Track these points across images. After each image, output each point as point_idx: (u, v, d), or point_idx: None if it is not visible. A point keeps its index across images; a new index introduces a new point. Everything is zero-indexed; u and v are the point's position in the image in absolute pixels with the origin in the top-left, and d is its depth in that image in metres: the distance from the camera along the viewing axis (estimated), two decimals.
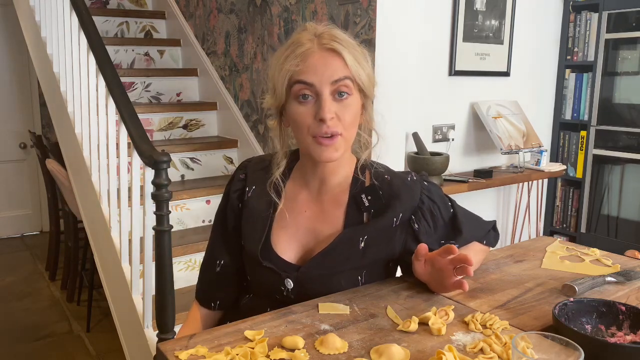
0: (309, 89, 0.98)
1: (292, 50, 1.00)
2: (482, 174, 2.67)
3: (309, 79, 0.98)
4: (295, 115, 1.01)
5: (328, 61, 0.99)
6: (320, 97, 0.98)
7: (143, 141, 2.01)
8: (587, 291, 1.09)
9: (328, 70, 0.98)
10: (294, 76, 0.99)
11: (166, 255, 1.86)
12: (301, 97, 0.99)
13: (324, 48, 0.99)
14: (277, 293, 1.08)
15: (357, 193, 1.09)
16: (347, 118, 1.00)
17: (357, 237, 1.07)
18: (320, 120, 0.98)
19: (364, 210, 1.08)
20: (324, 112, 0.97)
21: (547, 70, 3.15)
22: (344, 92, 0.99)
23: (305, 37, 1.01)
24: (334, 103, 0.99)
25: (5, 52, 4.57)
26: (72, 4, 2.56)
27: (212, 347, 0.86)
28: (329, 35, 1.01)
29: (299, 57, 0.99)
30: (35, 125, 4.74)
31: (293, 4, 2.67)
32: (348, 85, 0.99)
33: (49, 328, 3.07)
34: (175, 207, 2.73)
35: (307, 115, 0.99)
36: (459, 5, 2.62)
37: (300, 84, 0.98)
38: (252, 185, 1.14)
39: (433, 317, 0.93)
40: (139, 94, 3.47)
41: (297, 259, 1.10)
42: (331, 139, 0.99)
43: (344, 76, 0.99)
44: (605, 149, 3.01)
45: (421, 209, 1.11)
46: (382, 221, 1.08)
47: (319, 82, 0.98)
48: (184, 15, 3.75)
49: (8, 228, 4.75)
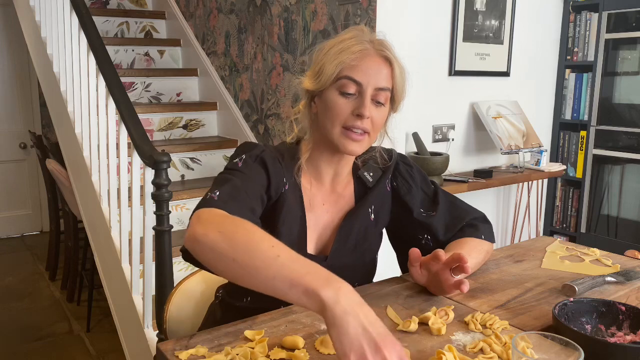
0: (355, 87, 1.04)
1: (349, 45, 1.04)
2: (482, 174, 2.67)
3: (360, 78, 1.03)
4: (333, 104, 1.05)
5: (380, 68, 1.05)
6: (363, 96, 1.04)
7: (143, 141, 2.01)
8: (587, 291, 1.09)
9: (378, 76, 1.04)
10: (345, 70, 1.03)
11: (166, 255, 1.86)
12: (345, 92, 1.04)
13: (379, 54, 1.06)
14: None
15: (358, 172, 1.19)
16: (378, 123, 1.07)
17: (366, 209, 1.16)
18: (357, 116, 1.03)
19: (369, 186, 1.18)
20: (365, 109, 1.03)
21: (547, 70, 3.15)
22: (381, 102, 1.06)
23: (362, 37, 1.06)
24: (372, 106, 1.05)
25: (5, 52, 4.57)
26: (72, 4, 2.56)
27: (212, 347, 0.86)
28: (383, 44, 1.07)
29: (356, 54, 1.03)
30: (35, 125, 4.74)
31: (293, 4, 2.67)
32: (387, 97, 1.07)
33: (49, 328, 3.07)
34: (175, 207, 2.73)
35: (346, 108, 1.04)
36: (459, 5, 2.62)
37: (348, 80, 1.03)
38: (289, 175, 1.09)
39: (433, 317, 0.93)
40: (139, 94, 3.47)
41: (317, 251, 1.14)
42: (361, 135, 1.05)
43: (387, 87, 1.06)
44: (605, 149, 3.01)
45: (397, 169, 1.21)
46: (379, 187, 1.19)
47: (366, 83, 1.04)
48: (184, 15, 3.76)
49: (8, 228, 4.74)
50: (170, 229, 1.87)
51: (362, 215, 1.16)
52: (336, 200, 1.16)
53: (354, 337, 0.67)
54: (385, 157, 1.20)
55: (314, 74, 1.08)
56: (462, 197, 2.88)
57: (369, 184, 1.18)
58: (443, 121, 2.73)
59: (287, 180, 1.09)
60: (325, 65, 1.05)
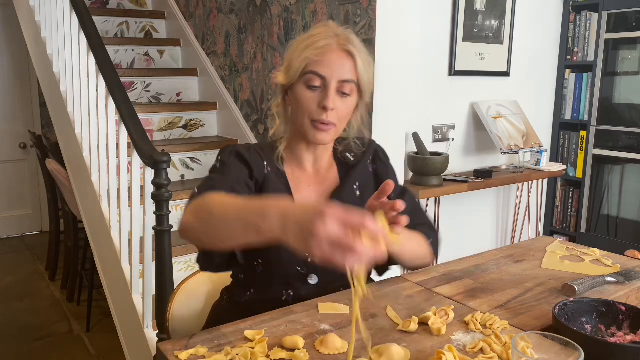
0: (320, 81, 1.10)
1: (314, 41, 1.11)
2: (482, 174, 2.66)
3: (323, 72, 1.10)
4: (301, 97, 1.12)
5: (343, 61, 1.11)
6: (327, 89, 1.10)
7: (143, 141, 2.01)
8: (587, 291, 1.09)
9: (340, 69, 1.10)
10: (310, 65, 1.10)
11: (166, 255, 1.86)
12: (310, 85, 1.11)
13: (341, 48, 1.11)
14: (299, 266, 1.13)
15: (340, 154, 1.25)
16: (344, 114, 1.14)
17: (351, 186, 1.21)
18: (322, 108, 1.10)
19: (351, 165, 1.24)
20: (328, 102, 1.09)
21: (547, 70, 3.15)
22: (346, 92, 1.12)
23: (327, 33, 1.12)
24: (337, 97, 1.11)
25: (5, 52, 4.57)
26: (72, 4, 2.56)
27: (212, 347, 0.86)
28: (347, 38, 1.13)
29: (320, 50, 1.10)
30: (35, 125, 4.73)
31: (293, 4, 2.67)
32: (352, 89, 1.13)
33: (49, 328, 3.07)
34: (175, 207, 2.72)
35: (312, 101, 1.11)
36: (459, 5, 2.62)
37: (313, 74, 1.10)
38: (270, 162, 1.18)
39: (433, 317, 0.93)
40: (139, 94, 3.47)
41: None
42: (327, 126, 1.12)
43: (351, 79, 1.12)
44: (605, 149, 3.01)
45: (377, 154, 1.27)
46: (361, 166, 1.24)
47: (330, 76, 1.10)
48: (184, 15, 3.75)
49: (8, 228, 4.74)
50: (170, 229, 1.86)
51: (348, 192, 1.21)
52: (321, 182, 1.22)
53: (298, 239, 0.71)
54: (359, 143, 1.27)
55: (285, 70, 1.16)
56: (462, 197, 2.88)
57: (351, 163, 1.24)
58: (443, 121, 2.73)
59: (268, 164, 1.17)
60: (293, 61, 1.12)
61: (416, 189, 2.39)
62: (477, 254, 1.35)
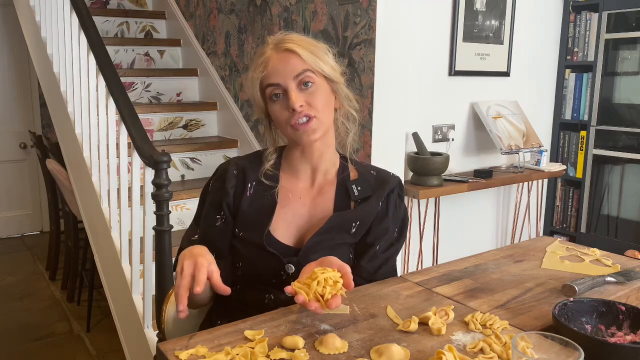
0: (278, 88, 1.12)
1: (256, 65, 1.15)
2: (482, 174, 2.66)
3: (274, 80, 1.12)
4: (273, 113, 1.15)
5: (286, 60, 1.12)
6: (287, 92, 1.11)
7: (143, 141, 2.01)
8: (587, 291, 1.09)
9: (288, 68, 1.11)
10: (262, 82, 1.13)
11: (166, 255, 1.86)
12: (274, 97, 1.13)
13: (280, 50, 1.13)
14: (275, 277, 1.15)
15: (346, 182, 1.21)
16: (318, 102, 1.12)
17: (349, 222, 1.17)
18: (292, 111, 1.11)
19: (352, 199, 1.20)
20: (292, 103, 1.10)
21: (547, 70, 3.14)
22: (308, 81, 1.12)
23: (264, 49, 1.16)
24: (301, 93, 1.11)
25: (5, 52, 4.57)
26: (72, 4, 2.56)
27: (212, 347, 0.86)
28: (282, 39, 1.14)
29: (262, 65, 1.13)
30: (35, 125, 4.74)
31: (293, 4, 2.67)
32: (310, 76, 1.12)
33: (49, 328, 3.07)
34: (175, 207, 2.73)
35: (282, 110, 1.13)
36: (459, 5, 2.62)
37: (270, 87, 1.12)
38: (252, 182, 1.21)
39: (433, 317, 0.93)
40: (139, 94, 3.47)
41: (295, 243, 1.18)
42: (307, 124, 1.11)
43: (303, 69, 1.11)
44: (605, 149, 3.01)
45: (389, 196, 1.22)
46: (369, 205, 1.19)
47: (283, 80, 1.11)
48: (184, 15, 3.75)
49: (8, 228, 4.75)
50: (171, 229, 1.87)
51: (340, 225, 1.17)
52: (315, 197, 1.21)
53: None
54: (382, 176, 1.23)
55: (254, 104, 1.20)
56: (462, 197, 2.89)
57: (353, 197, 1.19)
58: (443, 121, 2.73)
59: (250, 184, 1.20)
60: (251, 90, 1.16)
61: (416, 189, 2.39)
62: (477, 254, 1.35)
